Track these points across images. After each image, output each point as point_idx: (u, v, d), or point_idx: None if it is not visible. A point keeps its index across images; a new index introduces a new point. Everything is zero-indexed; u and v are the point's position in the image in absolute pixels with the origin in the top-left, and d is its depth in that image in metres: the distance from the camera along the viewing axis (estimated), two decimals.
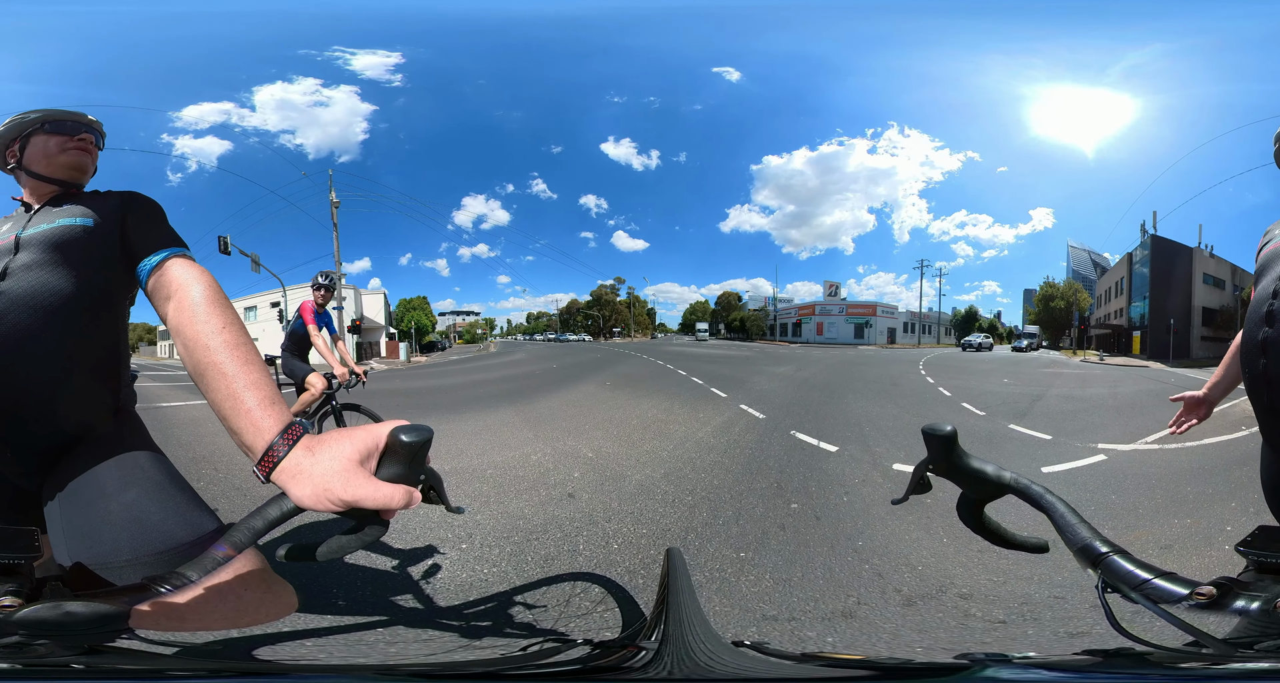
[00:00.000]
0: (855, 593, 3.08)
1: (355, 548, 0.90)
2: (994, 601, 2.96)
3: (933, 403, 11.93)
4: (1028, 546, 1.02)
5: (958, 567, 3.35)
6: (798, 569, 3.40)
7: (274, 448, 0.93)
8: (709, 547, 3.73)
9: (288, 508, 0.87)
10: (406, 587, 3.13)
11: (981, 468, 0.99)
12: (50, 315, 1.32)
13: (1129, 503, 4.79)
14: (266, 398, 1.02)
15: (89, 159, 1.64)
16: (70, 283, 1.37)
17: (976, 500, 1.02)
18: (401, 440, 0.88)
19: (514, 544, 3.77)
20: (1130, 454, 6.74)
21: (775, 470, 5.80)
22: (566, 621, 2.54)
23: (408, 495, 0.87)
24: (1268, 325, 1.64)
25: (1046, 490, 0.92)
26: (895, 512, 4.23)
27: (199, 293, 1.24)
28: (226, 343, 1.12)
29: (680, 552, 1.43)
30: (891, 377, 18.32)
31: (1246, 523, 0.79)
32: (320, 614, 2.63)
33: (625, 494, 4.94)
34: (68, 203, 1.51)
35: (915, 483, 1.09)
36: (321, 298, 6.25)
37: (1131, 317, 50.59)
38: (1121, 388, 15.70)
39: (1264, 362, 1.64)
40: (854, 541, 3.83)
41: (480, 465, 5.93)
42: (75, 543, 1.17)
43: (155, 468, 1.32)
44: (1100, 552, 0.82)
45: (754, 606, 2.95)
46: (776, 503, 4.70)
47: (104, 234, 1.44)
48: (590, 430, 8.12)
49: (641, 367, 21.23)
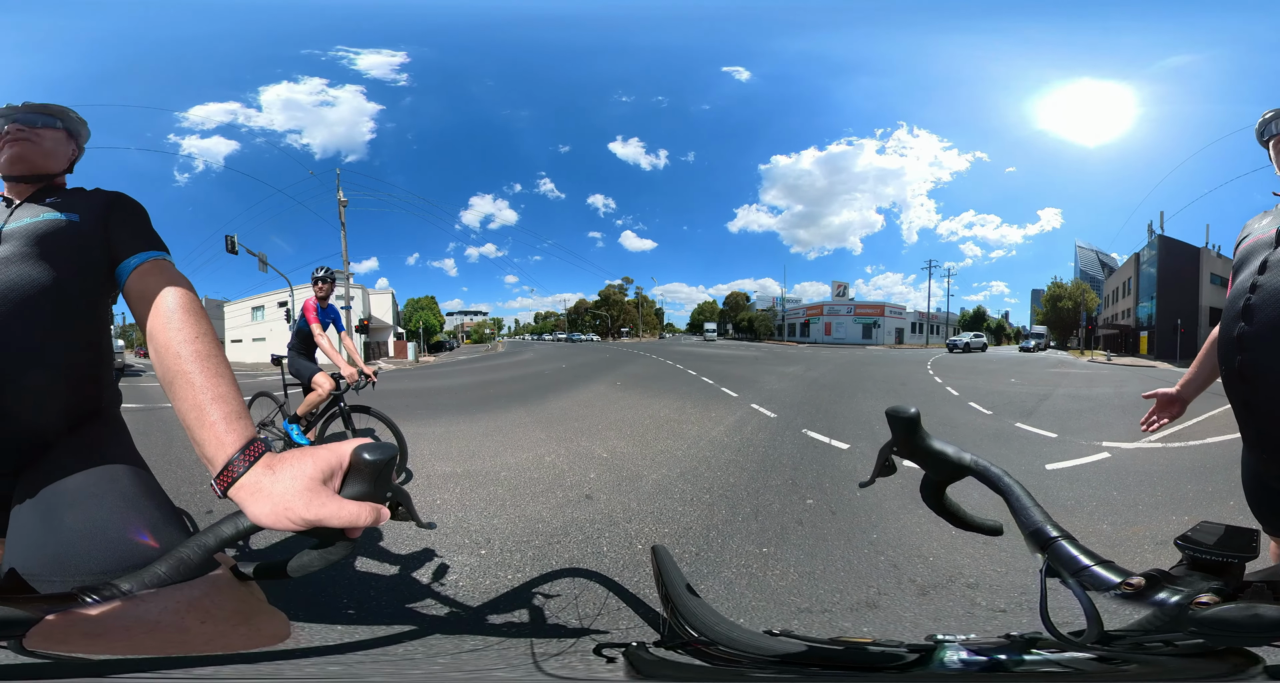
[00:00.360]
0: (875, 584, 3.23)
1: (322, 565, 0.88)
2: (997, 590, 3.11)
3: (940, 402, 12.01)
4: (984, 528, 1.04)
5: (965, 558, 3.49)
6: (819, 563, 3.54)
7: (233, 464, 0.92)
8: (732, 543, 3.86)
9: (244, 526, 0.86)
10: (426, 594, 3.14)
11: (943, 450, 1.00)
12: (31, 311, 1.29)
13: (1130, 500, 4.90)
14: (231, 412, 1.01)
15: (31, 150, 1.54)
16: (52, 278, 1.33)
17: (938, 482, 1.03)
18: (365, 459, 0.86)
19: (535, 549, 3.79)
20: (1134, 452, 6.83)
21: (789, 468, 5.93)
22: (585, 621, 2.67)
23: (374, 513, 0.86)
24: (1243, 321, 1.61)
25: (1005, 473, 0.93)
26: (905, 505, 4.34)
27: (174, 300, 1.21)
28: (197, 353, 1.10)
29: (665, 549, 1.46)
30: (900, 376, 18.43)
31: (1243, 521, 0.87)
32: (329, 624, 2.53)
33: (643, 494, 5.03)
34: (52, 198, 1.49)
35: (880, 465, 1.09)
36: (322, 292, 5.95)
37: (1139, 317, 50.41)
38: (1128, 388, 15.72)
39: (1240, 357, 1.62)
40: (869, 534, 3.98)
41: (494, 468, 5.92)
42: (19, 548, 1.13)
43: (127, 478, 1.27)
44: (1050, 536, 0.83)
45: (786, 599, 3.09)
46: (792, 499, 4.84)
47: (88, 232, 1.42)
48: (603, 431, 8.21)
49: (651, 367, 21.33)
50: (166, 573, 0.83)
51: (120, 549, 1.11)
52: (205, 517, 3.73)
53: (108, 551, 1.10)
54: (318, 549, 0.89)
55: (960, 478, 1.00)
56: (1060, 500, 4.86)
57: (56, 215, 1.42)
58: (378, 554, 3.52)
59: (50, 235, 1.38)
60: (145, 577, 0.83)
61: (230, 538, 0.86)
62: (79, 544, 1.10)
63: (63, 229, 1.40)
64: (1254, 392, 1.62)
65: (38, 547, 1.12)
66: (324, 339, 5.83)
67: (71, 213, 1.44)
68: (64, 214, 1.43)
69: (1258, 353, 1.58)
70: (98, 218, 1.44)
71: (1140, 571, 0.77)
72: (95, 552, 1.09)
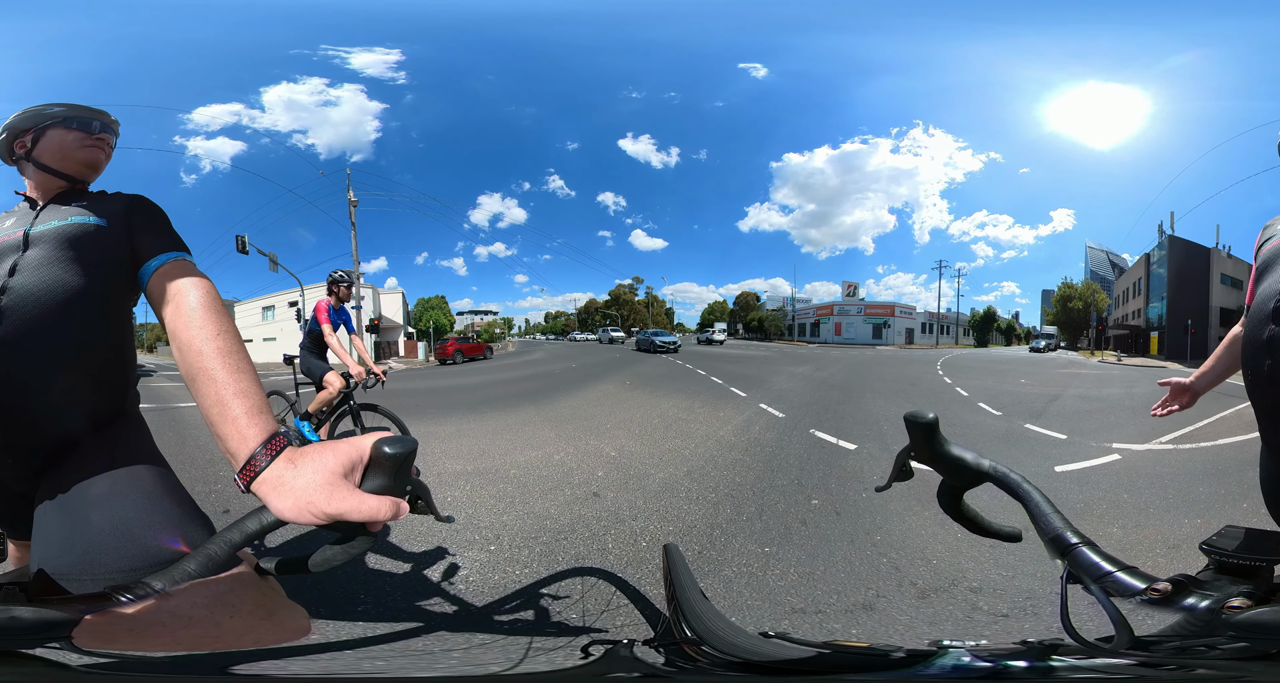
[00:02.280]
0: (874, 586, 3.21)
1: (344, 560, 0.88)
2: (1001, 595, 3.06)
3: (950, 403, 11.96)
4: (1002, 534, 1.03)
5: (970, 560, 3.46)
6: (820, 563, 3.53)
7: (255, 458, 0.92)
8: (734, 542, 3.86)
9: (267, 521, 0.87)
10: (435, 592, 3.15)
11: (961, 456, 0.99)
12: (60, 314, 1.30)
13: (1141, 502, 4.85)
14: (253, 407, 1.02)
15: (104, 157, 1.61)
16: (81, 281, 1.34)
17: (956, 488, 1.03)
18: (385, 452, 0.87)
19: (543, 545, 3.82)
20: (1144, 454, 6.78)
21: (795, 468, 5.93)
22: (596, 618, 2.67)
23: (394, 507, 0.86)
24: (1274, 322, 1.54)
25: (1024, 479, 0.92)
26: (911, 507, 4.33)
27: (196, 298, 1.23)
28: (219, 350, 1.11)
29: (677, 547, 1.46)
30: (909, 377, 18.37)
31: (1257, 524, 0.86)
32: (343, 621, 2.59)
33: (650, 492, 5.04)
34: (77, 201, 1.50)
35: (897, 470, 1.09)
36: (341, 295, 6.20)
37: (1149, 317, 50.13)
38: (1138, 388, 15.59)
39: (1270, 361, 1.55)
40: (872, 535, 3.96)
41: (503, 466, 5.96)
42: (48, 549, 1.15)
43: (151, 478, 1.29)
44: (1070, 543, 0.82)
45: (782, 599, 3.07)
46: (798, 499, 4.84)
47: (114, 235, 1.43)
48: (612, 429, 8.23)
49: (660, 366, 21.37)
50: (196, 570, 0.84)
51: (147, 548, 1.12)
52: (222, 517, 3.75)
53: (135, 549, 1.11)
54: (339, 544, 0.89)
55: (979, 484, 1.00)
56: (1070, 503, 4.82)
57: (85, 219, 1.43)
58: (388, 550, 3.55)
59: (79, 239, 1.39)
60: (176, 574, 0.84)
61: (255, 533, 0.86)
62: (107, 543, 1.11)
63: (91, 233, 1.41)
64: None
65: (66, 547, 1.13)
66: (334, 339, 5.98)
67: (100, 216, 1.45)
68: (93, 218, 1.44)
69: None
70: (121, 221, 1.46)
71: (1162, 576, 0.76)
72: (123, 550, 1.11)
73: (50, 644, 0.79)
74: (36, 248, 1.35)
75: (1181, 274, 45.12)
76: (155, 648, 0.92)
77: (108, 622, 0.84)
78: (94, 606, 0.82)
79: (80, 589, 1.05)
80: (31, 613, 0.77)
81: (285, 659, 1.06)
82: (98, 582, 1.04)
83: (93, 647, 0.81)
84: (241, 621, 1.04)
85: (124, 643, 0.87)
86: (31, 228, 1.39)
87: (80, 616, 0.80)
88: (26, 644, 0.78)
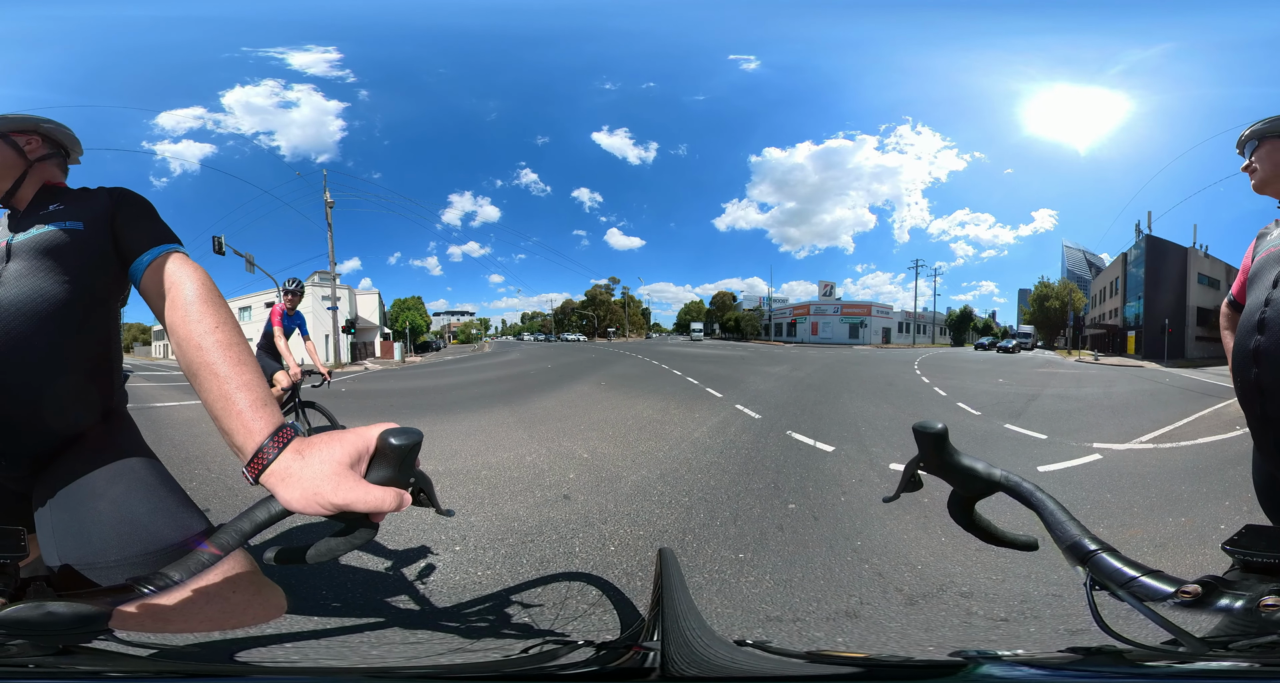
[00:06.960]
0: (857, 593, 3.07)
1: (345, 551, 0.90)
2: (994, 599, 2.97)
3: (928, 403, 11.94)
4: (1018, 543, 1.02)
5: (956, 565, 3.35)
6: (798, 570, 3.38)
7: (264, 450, 0.93)
8: (707, 548, 3.71)
9: (276, 511, 0.88)
10: (401, 588, 3.11)
11: (972, 465, 0.98)
12: (45, 322, 1.30)
13: (1124, 502, 4.80)
14: (258, 399, 1.01)
15: None
16: (63, 288, 1.34)
17: (967, 498, 1.02)
18: (391, 443, 0.87)
19: (509, 546, 3.74)
20: (1125, 453, 6.77)
21: (772, 471, 5.79)
22: (564, 622, 2.52)
23: (398, 498, 0.87)
24: (1260, 333, 1.64)
25: (1037, 488, 0.92)
26: (892, 511, 4.22)
27: (192, 291, 1.22)
28: (219, 343, 1.11)
29: (673, 551, 1.44)
30: (887, 377, 18.34)
31: (1240, 521, 0.81)
32: (309, 616, 2.59)
33: (621, 496, 4.91)
34: (53, 204, 1.47)
35: (906, 481, 1.09)
36: (289, 302, 6.54)
37: (1126, 317, 50.74)
38: (1116, 388, 15.75)
39: (1256, 370, 1.64)
40: (852, 540, 3.82)
41: (474, 467, 5.91)
42: (64, 543, 1.16)
43: (146, 470, 1.31)
44: (1089, 549, 0.82)
45: (756, 607, 2.94)
46: (774, 503, 4.69)
47: (94, 236, 1.41)
48: (585, 431, 8.09)
49: (636, 367, 21.22)
50: (210, 560, 0.85)
51: (157, 535, 1.17)
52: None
53: (146, 535, 1.16)
54: (341, 535, 0.90)
55: (990, 494, 0.99)
56: None
57: (61, 225, 1.40)
58: None
59: (55, 248, 1.37)
60: (192, 564, 0.85)
61: (264, 523, 0.87)
62: (121, 530, 1.16)
63: (68, 238, 1.39)
64: (1273, 404, 1.63)
65: (83, 539, 1.16)
66: (281, 341, 6.33)
67: (75, 221, 1.41)
68: (69, 223, 1.41)
69: (1274, 366, 1.61)
70: (103, 219, 1.43)
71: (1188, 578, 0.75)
72: (136, 536, 1.16)
73: (99, 637, 0.81)
74: (17, 260, 1.34)
75: (1159, 274, 45.66)
76: (176, 635, 0.99)
77: (136, 613, 0.91)
78: (120, 597, 0.83)
79: (105, 579, 1.09)
80: (67, 608, 0.78)
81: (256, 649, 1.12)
82: (120, 570, 1.11)
83: (133, 637, 0.87)
84: (244, 596, 1.12)
85: (159, 632, 0.95)
86: (13, 238, 1.38)
87: (110, 607, 0.82)
88: (74, 639, 0.79)
